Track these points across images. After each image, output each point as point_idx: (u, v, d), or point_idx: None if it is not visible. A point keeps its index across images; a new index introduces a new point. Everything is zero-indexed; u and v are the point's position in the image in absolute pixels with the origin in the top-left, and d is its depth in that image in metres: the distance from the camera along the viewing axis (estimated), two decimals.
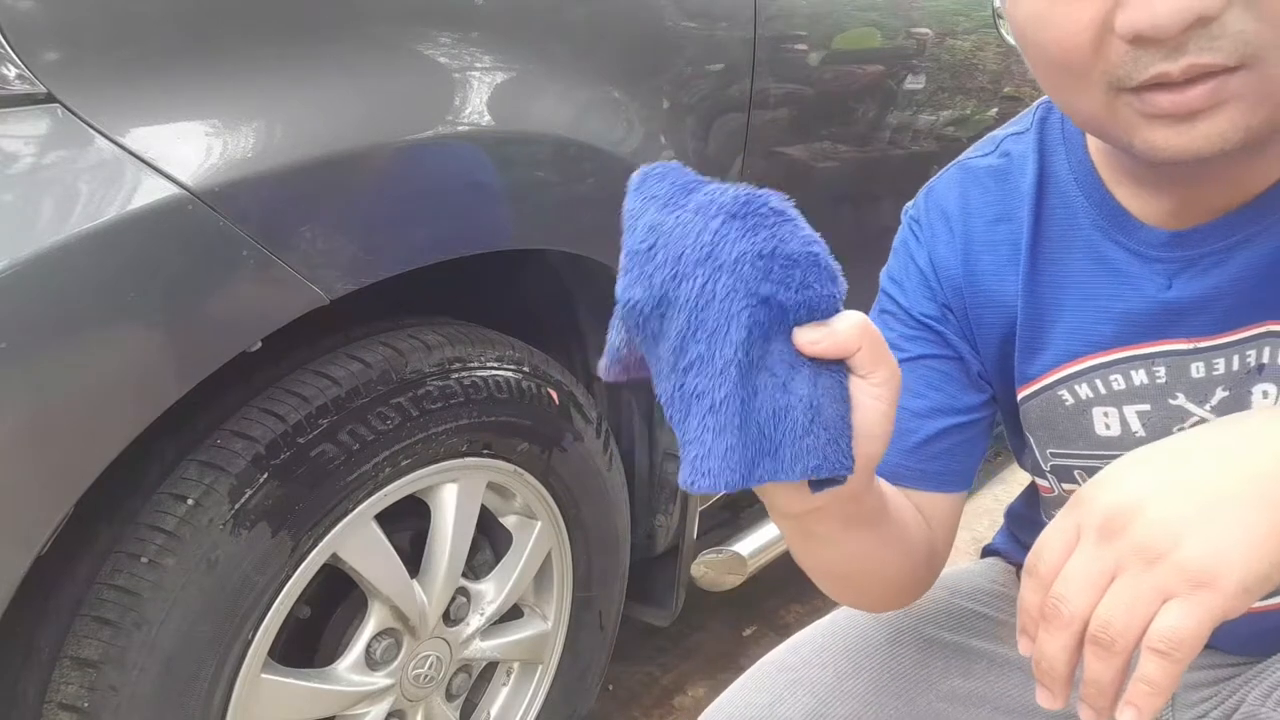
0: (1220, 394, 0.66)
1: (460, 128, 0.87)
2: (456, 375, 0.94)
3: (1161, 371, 0.67)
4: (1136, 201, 0.64)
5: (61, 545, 0.71)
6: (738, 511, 1.54)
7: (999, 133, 0.72)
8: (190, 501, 0.78)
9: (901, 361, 0.60)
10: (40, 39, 0.64)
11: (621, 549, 1.24)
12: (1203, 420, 0.67)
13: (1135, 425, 0.69)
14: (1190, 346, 0.65)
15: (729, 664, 1.62)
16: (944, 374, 0.73)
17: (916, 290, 0.73)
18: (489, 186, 0.90)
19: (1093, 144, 0.65)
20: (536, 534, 1.10)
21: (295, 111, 0.75)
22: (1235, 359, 0.64)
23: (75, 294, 0.64)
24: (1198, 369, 0.66)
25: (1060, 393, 0.70)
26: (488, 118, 0.89)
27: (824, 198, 1.41)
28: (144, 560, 0.76)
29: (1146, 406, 0.69)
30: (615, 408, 1.29)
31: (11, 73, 0.63)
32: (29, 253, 0.61)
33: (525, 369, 1.02)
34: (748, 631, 1.72)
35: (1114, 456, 0.54)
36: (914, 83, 1.49)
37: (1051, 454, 0.73)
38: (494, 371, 0.98)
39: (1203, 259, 0.62)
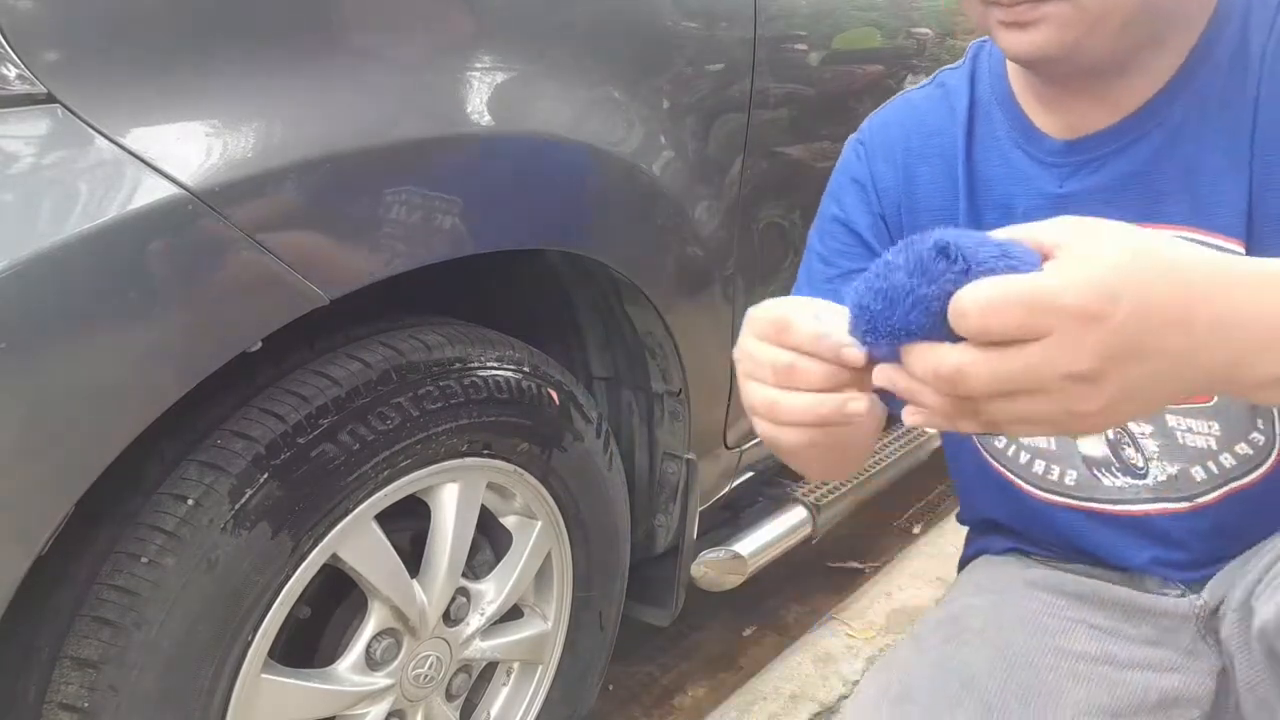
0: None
1: (460, 128, 0.87)
2: (456, 375, 0.94)
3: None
4: (1041, 117, 0.75)
5: (61, 545, 0.71)
6: (738, 511, 1.54)
7: (939, 71, 0.85)
8: (190, 501, 0.78)
9: (834, 277, 0.81)
10: (40, 39, 0.64)
11: (621, 549, 1.23)
12: None
13: None
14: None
15: (729, 664, 1.62)
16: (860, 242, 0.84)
17: (854, 203, 0.84)
18: (489, 186, 0.90)
19: (1011, 69, 0.77)
20: (536, 534, 1.10)
21: (295, 111, 0.75)
22: None
23: (75, 294, 0.64)
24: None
25: None
26: (488, 118, 0.89)
27: None
28: (144, 560, 0.76)
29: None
30: (615, 408, 1.29)
31: (11, 73, 0.63)
32: (29, 253, 0.61)
33: (525, 369, 1.02)
34: (748, 631, 1.72)
35: None
36: (914, 83, 1.49)
37: None
38: (494, 371, 0.98)
39: (1088, 163, 0.73)
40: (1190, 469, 0.77)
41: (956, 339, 0.45)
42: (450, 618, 1.03)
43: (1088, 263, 0.44)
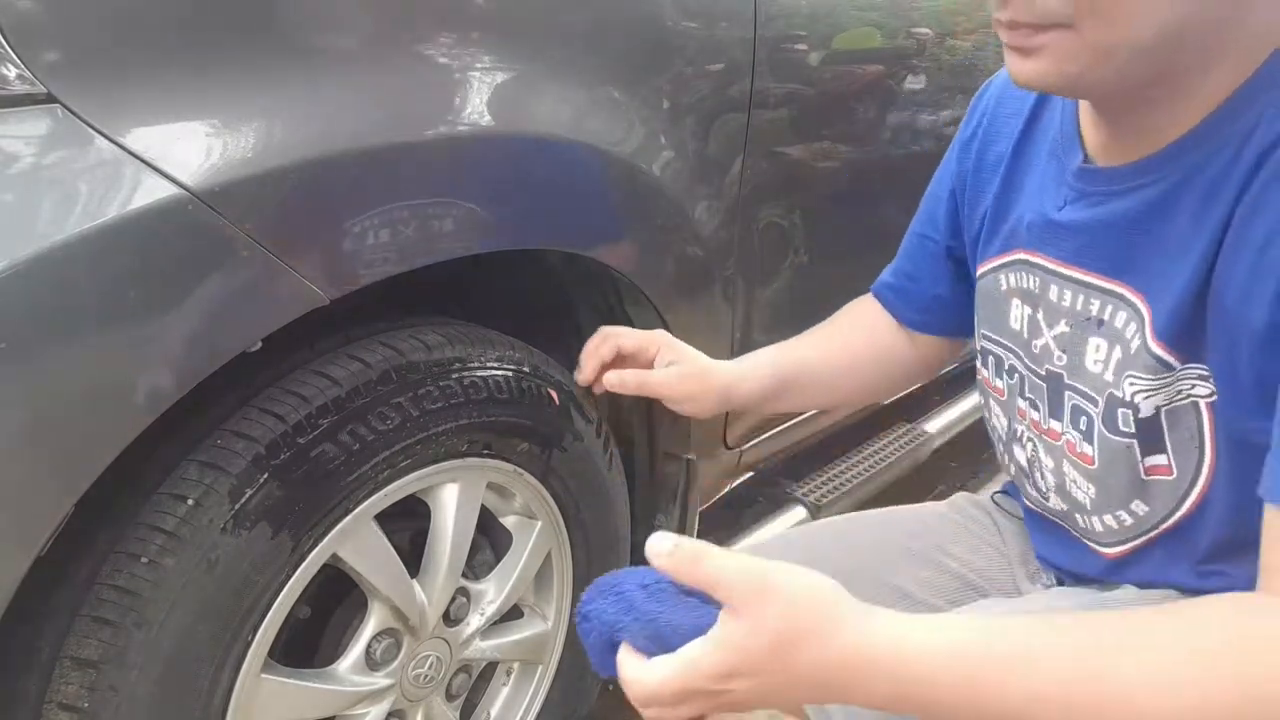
0: (1063, 327, 0.77)
1: (460, 128, 0.87)
2: (456, 375, 0.94)
3: (1035, 282, 0.79)
4: (1088, 131, 0.74)
5: (61, 545, 0.71)
6: (738, 511, 1.54)
7: None
8: (190, 501, 0.78)
9: (912, 232, 1.04)
10: (40, 39, 0.64)
11: (621, 549, 1.23)
12: (1048, 345, 0.78)
13: (1020, 326, 0.83)
14: (1051, 266, 0.77)
15: None
16: (931, 255, 0.99)
17: (945, 168, 0.99)
18: (489, 186, 0.90)
19: None
20: (536, 534, 1.10)
21: (295, 111, 0.75)
22: (1080, 300, 0.74)
23: (75, 294, 0.64)
24: (1054, 293, 0.77)
25: (999, 276, 0.84)
26: (488, 118, 0.89)
27: (824, 198, 1.41)
28: (144, 560, 0.76)
29: (1029, 311, 0.81)
30: (615, 408, 1.29)
31: (11, 73, 0.63)
32: (29, 253, 0.61)
33: (525, 369, 1.02)
34: None
35: (1010, 350, 0.83)
36: (914, 83, 1.49)
37: (981, 334, 0.88)
38: (494, 371, 0.98)
39: (1090, 195, 0.72)
40: (1074, 513, 0.81)
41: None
42: (450, 618, 1.03)
43: (736, 638, 0.55)
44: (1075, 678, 0.52)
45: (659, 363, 1.02)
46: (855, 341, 1.07)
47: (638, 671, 0.58)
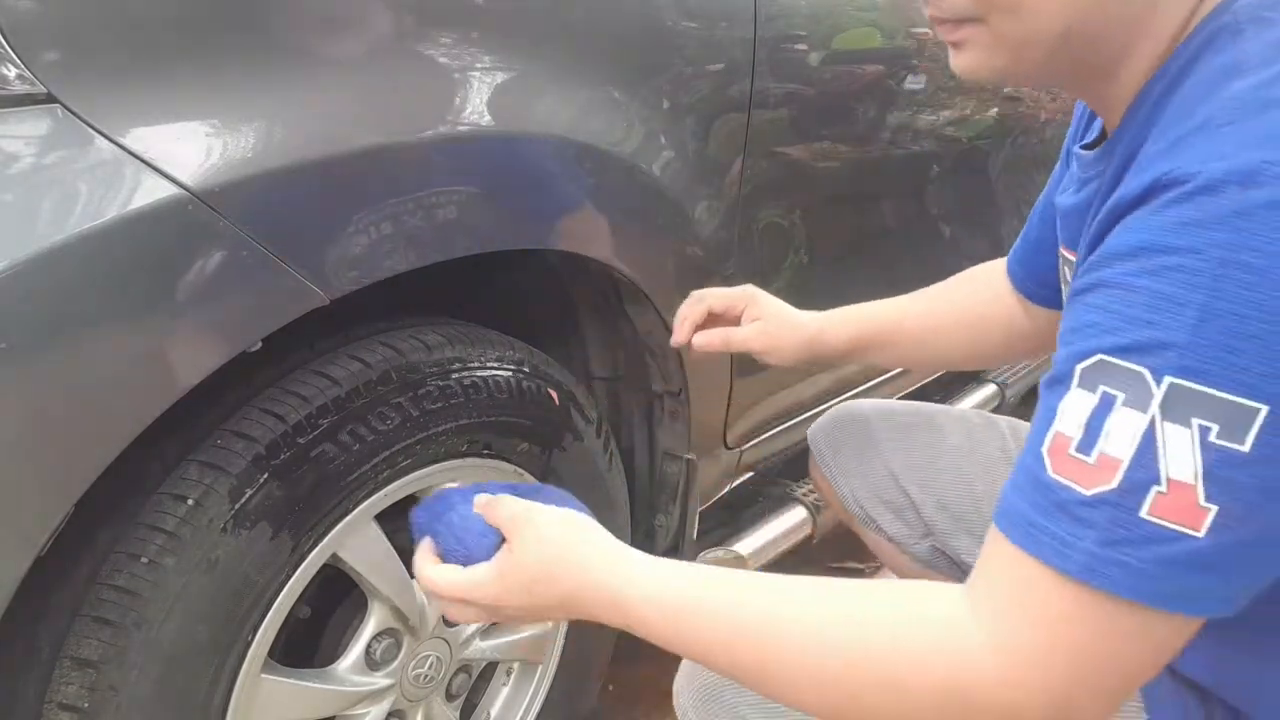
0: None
1: (460, 128, 0.87)
2: (456, 375, 0.94)
3: (1067, 273, 0.79)
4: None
5: (61, 545, 0.71)
6: (737, 511, 1.54)
7: None
8: (190, 501, 0.78)
9: (1041, 197, 0.99)
10: (40, 39, 0.64)
11: None
12: None
13: None
14: (1064, 252, 0.79)
15: None
16: (1046, 219, 0.96)
17: (1064, 150, 0.92)
18: (489, 186, 0.90)
19: None
20: None
21: (295, 111, 0.75)
22: (1068, 273, 0.76)
23: (75, 294, 0.64)
24: (1068, 273, 0.78)
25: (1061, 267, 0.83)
26: (488, 118, 0.89)
27: (824, 198, 1.41)
28: (144, 560, 0.76)
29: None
30: (615, 408, 1.29)
31: (11, 73, 0.63)
32: (29, 253, 0.61)
33: (525, 369, 1.02)
34: None
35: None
36: (914, 83, 1.49)
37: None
38: (494, 371, 0.98)
39: (1078, 180, 0.73)
40: None
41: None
42: None
43: (499, 576, 0.69)
44: (752, 631, 0.60)
45: (746, 319, 1.05)
46: (964, 303, 1.09)
47: (430, 569, 0.73)
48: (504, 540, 0.71)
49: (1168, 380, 0.48)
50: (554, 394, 1.05)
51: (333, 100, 0.78)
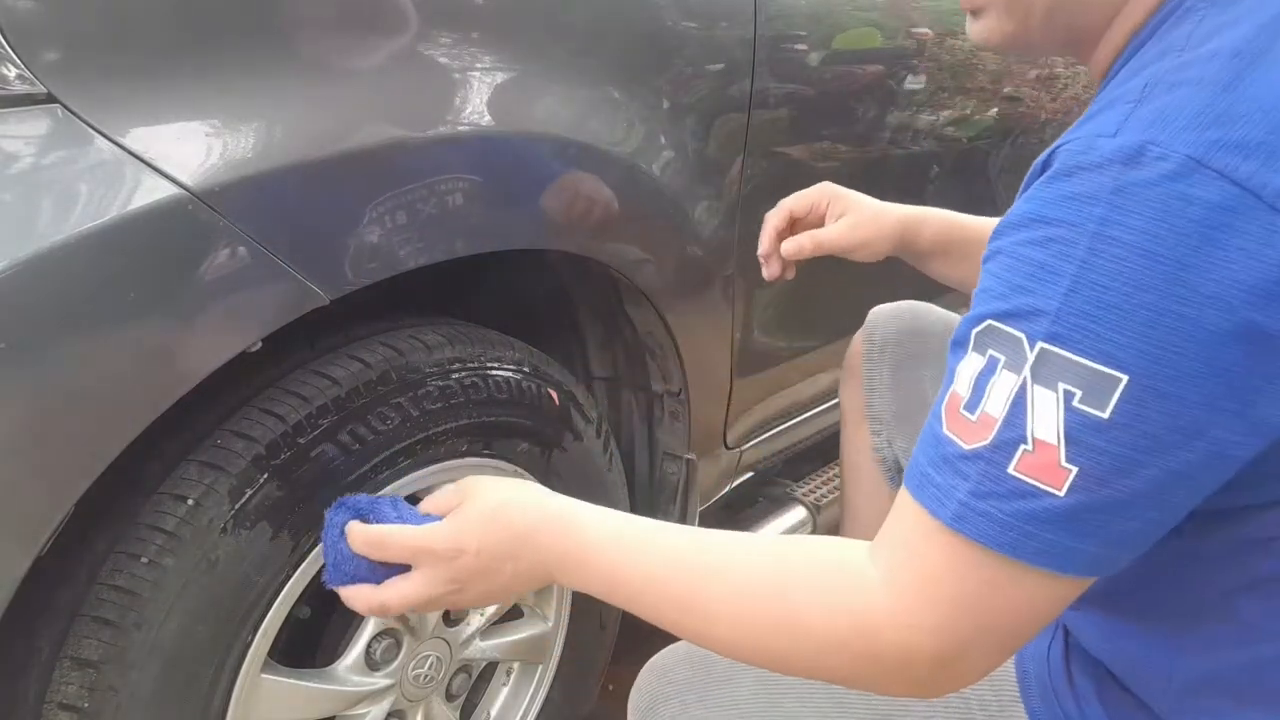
0: None
1: (460, 128, 0.87)
2: (456, 375, 0.94)
3: None
4: None
5: (61, 545, 0.71)
6: (737, 511, 1.54)
7: None
8: (190, 501, 0.78)
9: None
10: (40, 39, 0.64)
11: None
12: None
13: None
14: None
15: None
16: None
17: None
18: (489, 186, 0.90)
19: None
20: None
21: (295, 111, 0.75)
22: None
23: (75, 294, 0.64)
24: None
25: None
26: (488, 118, 0.89)
27: None
28: (144, 560, 0.76)
29: None
30: (615, 408, 1.29)
31: (11, 73, 0.63)
32: (29, 253, 0.61)
33: (525, 369, 1.02)
34: None
35: None
36: (914, 83, 1.49)
37: None
38: (494, 371, 0.98)
39: None
40: None
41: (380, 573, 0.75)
42: (450, 618, 1.04)
43: (455, 521, 0.73)
44: (684, 570, 0.64)
45: (830, 217, 1.03)
46: None
47: (376, 537, 0.75)
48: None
49: (1039, 345, 0.51)
50: (554, 394, 1.05)
51: (333, 100, 0.78)
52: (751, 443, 1.47)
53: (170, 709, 0.79)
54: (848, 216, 1.01)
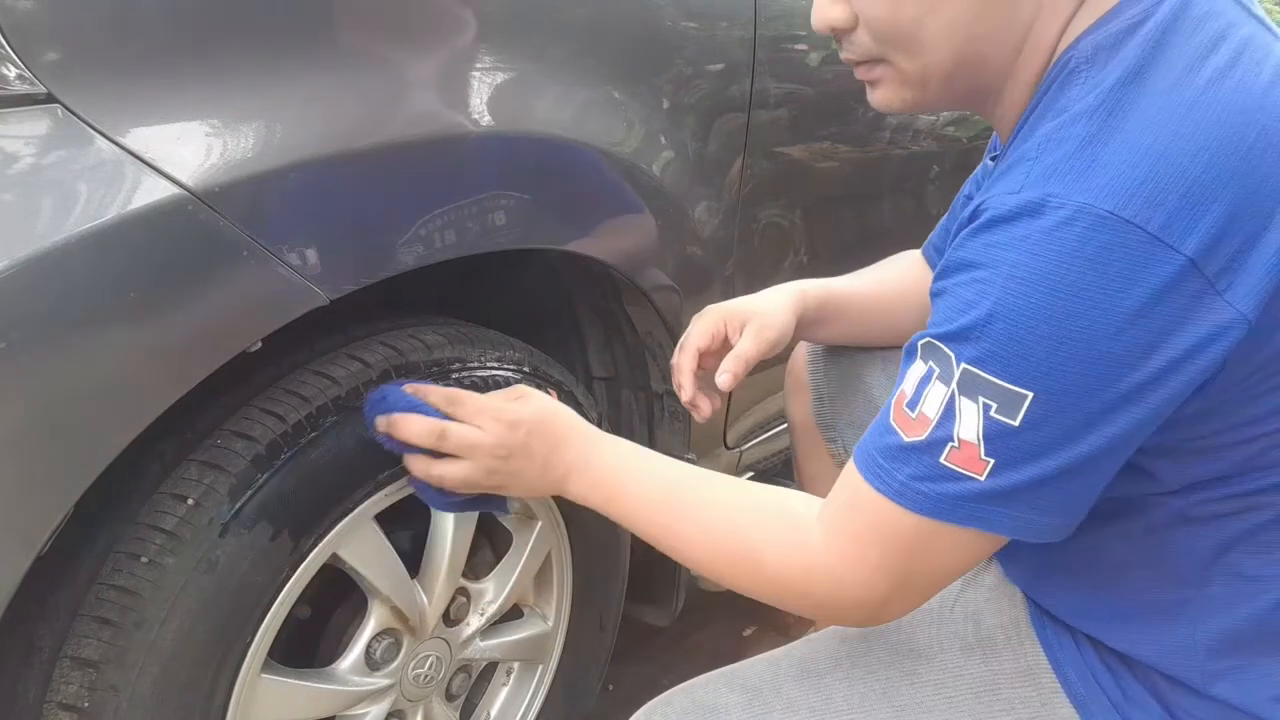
0: None
1: (460, 128, 0.87)
2: (456, 375, 0.94)
3: None
4: None
5: (61, 545, 0.71)
6: None
7: None
8: (190, 501, 0.78)
9: (961, 193, 1.07)
10: (40, 39, 0.64)
11: (621, 549, 1.24)
12: None
13: None
14: None
15: (729, 664, 1.62)
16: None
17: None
18: (489, 186, 0.90)
19: None
20: (536, 534, 1.10)
21: (295, 111, 0.75)
22: None
23: (75, 294, 0.64)
24: None
25: None
26: (488, 118, 0.89)
27: (824, 198, 1.41)
28: (144, 560, 0.76)
29: None
30: (615, 408, 1.29)
31: (11, 73, 0.63)
32: (29, 253, 0.61)
33: (525, 369, 1.02)
34: (748, 631, 1.72)
35: None
36: None
37: None
38: (494, 371, 0.98)
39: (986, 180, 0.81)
40: None
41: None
42: (450, 618, 1.04)
43: (520, 402, 0.88)
44: (674, 496, 0.80)
45: (734, 334, 1.01)
46: (898, 284, 1.11)
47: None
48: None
49: (963, 365, 0.61)
50: (554, 394, 1.05)
51: (333, 100, 0.78)
52: (751, 443, 1.47)
53: (170, 709, 0.79)
54: (750, 325, 1.00)
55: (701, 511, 0.77)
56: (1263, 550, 0.68)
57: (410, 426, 0.84)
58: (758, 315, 1.01)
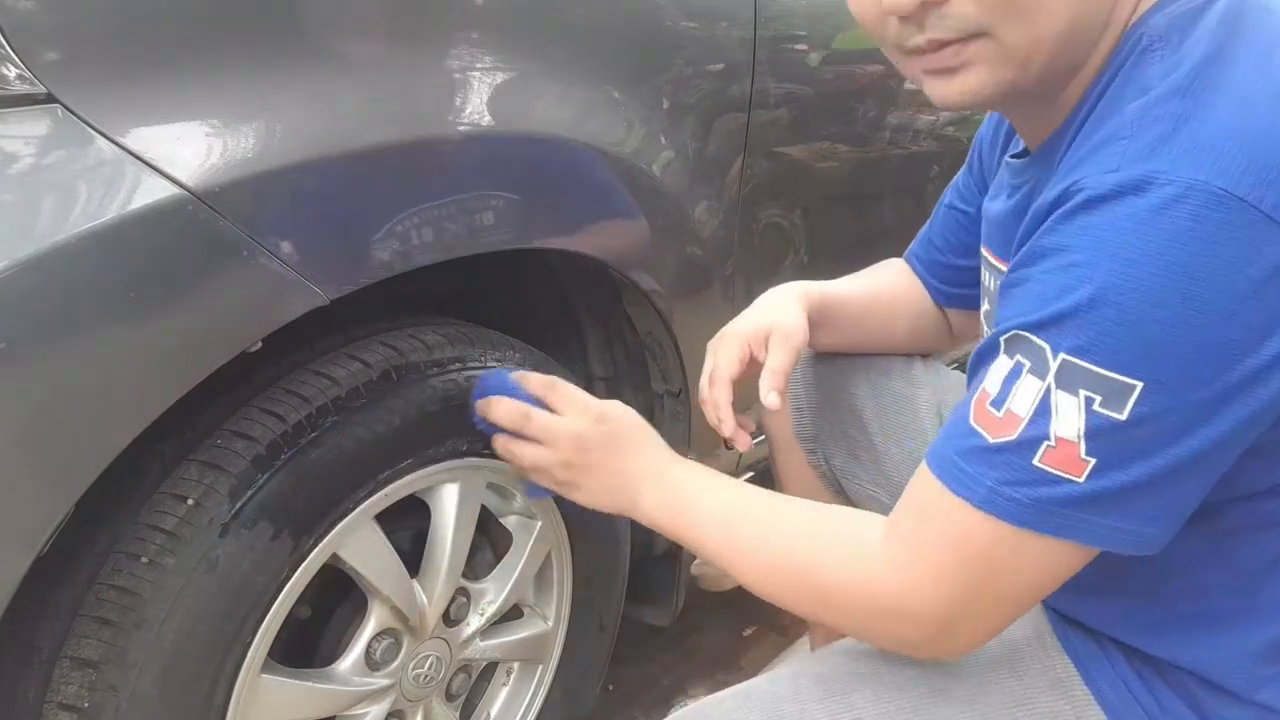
0: (986, 305, 0.87)
1: (460, 128, 0.87)
2: (456, 375, 0.94)
3: (987, 276, 0.85)
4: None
5: (61, 545, 0.71)
6: None
7: None
8: (190, 501, 0.78)
9: (941, 203, 1.07)
10: (40, 39, 0.64)
11: (621, 549, 1.24)
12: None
13: (986, 319, 0.88)
14: (986, 254, 0.84)
15: (729, 664, 1.62)
16: (959, 227, 1.04)
17: (973, 158, 1.01)
18: (489, 186, 0.90)
19: None
20: (536, 534, 1.10)
21: (295, 111, 0.75)
22: (994, 282, 0.82)
23: (75, 294, 0.64)
24: (986, 278, 0.85)
25: (982, 270, 0.87)
26: (488, 118, 0.89)
27: (824, 198, 1.41)
28: (144, 560, 0.76)
29: (986, 306, 0.86)
30: None
31: (11, 73, 0.63)
32: (29, 253, 0.61)
33: (525, 369, 1.02)
34: (748, 631, 1.72)
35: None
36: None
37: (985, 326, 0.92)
38: None
39: (1008, 187, 0.78)
40: None
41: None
42: (450, 618, 1.04)
43: (607, 408, 0.90)
44: (736, 518, 0.79)
45: (759, 352, 0.97)
46: (891, 289, 1.10)
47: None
48: None
49: (1061, 356, 0.57)
50: None
51: (333, 100, 0.78)
52: (752, 443, 1.47)
53: (170, 709, 0.79)
54: (773, 337, 0.96)
55: (766, 531, 0.76)
56: None
57: (499, 408, 0.89)
58: (778, 326, 0.97)
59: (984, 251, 0.85)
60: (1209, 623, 0.69)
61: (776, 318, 0.99)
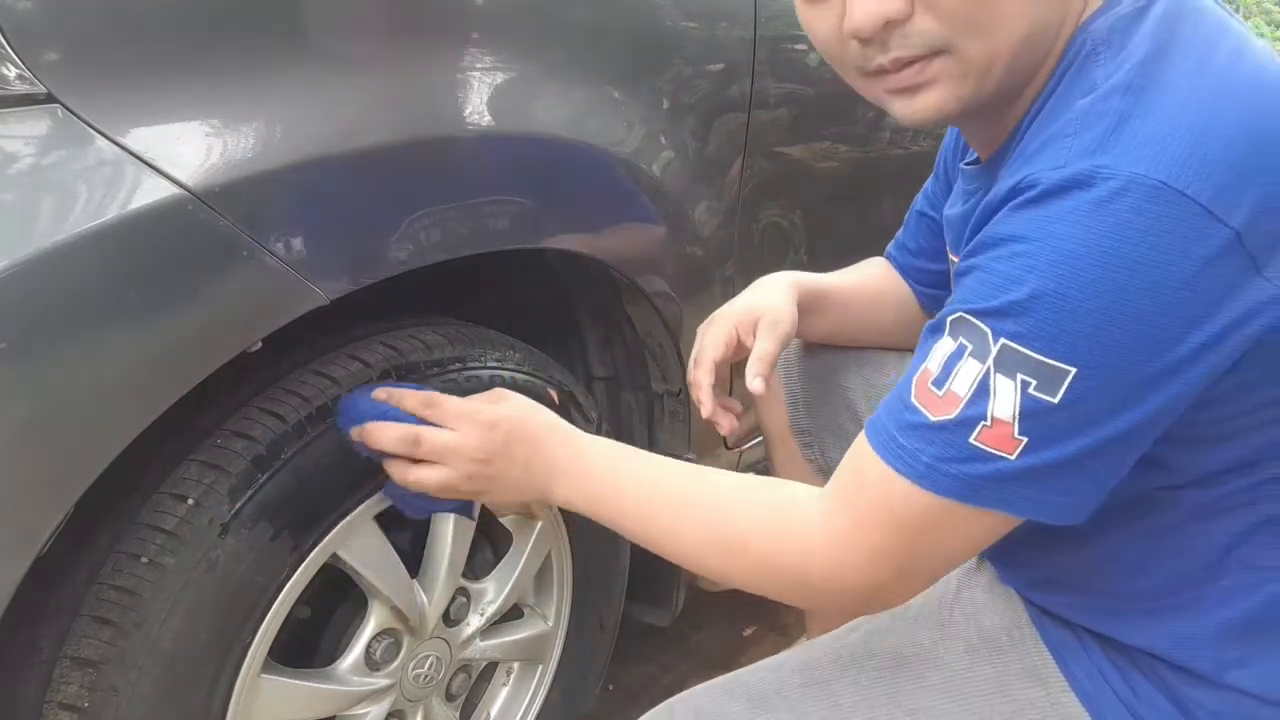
0: None
1: (460, 128, 0.87)
2: (456, 375, 0.94)
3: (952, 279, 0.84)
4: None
5: (61, 545, 0.71)
6: None
7: None
8: (190, 501, 0.78)
9: (913, 209, 1.12)
10: (40, 39, 0.64)
11: (621, 549, 1.24)
12: None
13: None
14: (951, 258, 0.85)
15: (729, 664, 1.61)
16: (930, 231, 1.08)
17: (939, 166, 1.07)
18: (489, 186, 0.90)
19: None
20: (536, 534, 1.10)
21: (295, 111, 0.75)
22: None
23: (75, 294, 0.64)
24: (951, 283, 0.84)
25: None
26: (488, 117, 0.89)
27: (824, 198, 1.41)
28: (144, 560, 0.76)
29: None
30: (615, 408, 1.29)
31: (11, 73, 0.63)
32: (29, 253, 0.61)
33: (525, 369, 1.02)
34: (748, 631, 1.72)
35: None
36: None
37: None
38: (494, 371, 0.98)
39: (964, 192, 0.81)
40: None
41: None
42: (450, 618, 1.04)
43: (497, 404, 0.87)
44: (657, 485, 0.79)
45: (746, 336, 0.99)
46: (879, 282, 1.13)
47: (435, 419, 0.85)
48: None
49: (1002, 341, 0.60)
50: (554, 394, 1.05)
51: (333, 100, 0.78)
52: (751, 443, 1.47)
53: (170, 709, 0.79)
54: (761, 323, 0.98)
55: (691, 504, 0.76)
56: (1276, 541, 0.69)
57: (384, 434, 0.82)
58: (766, 312, 0.99)
59: (950, 255, 0.87)
60: (1170, 609, 0.72)
61: (766, 304, 1.01)
